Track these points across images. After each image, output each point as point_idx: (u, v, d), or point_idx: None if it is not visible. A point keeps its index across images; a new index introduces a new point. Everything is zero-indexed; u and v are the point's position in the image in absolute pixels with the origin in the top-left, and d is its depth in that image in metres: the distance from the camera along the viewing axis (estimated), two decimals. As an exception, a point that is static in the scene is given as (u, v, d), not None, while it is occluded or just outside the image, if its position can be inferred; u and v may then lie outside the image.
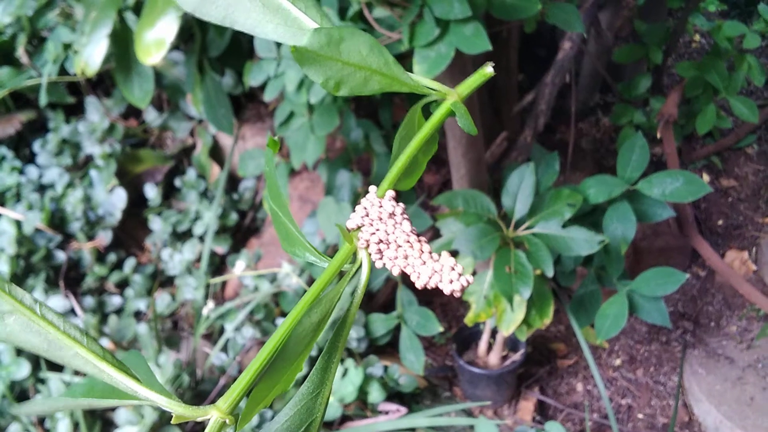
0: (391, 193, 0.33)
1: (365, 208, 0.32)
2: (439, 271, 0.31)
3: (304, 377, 0.36)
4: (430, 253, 0.31)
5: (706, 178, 1.87)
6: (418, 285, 0.31)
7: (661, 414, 1.49)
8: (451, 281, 0.30)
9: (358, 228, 0.33)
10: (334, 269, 0.32)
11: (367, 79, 0.34)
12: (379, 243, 0.32)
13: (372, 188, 0.33)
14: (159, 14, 1.11)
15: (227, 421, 0.30)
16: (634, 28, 1.72)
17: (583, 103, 1.91)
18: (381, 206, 0.32)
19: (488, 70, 0.36)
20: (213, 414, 0.30)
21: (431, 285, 0.31)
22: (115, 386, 0.30)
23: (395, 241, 0.32)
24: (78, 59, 1.29)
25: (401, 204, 0.33)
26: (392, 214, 0.32)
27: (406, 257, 0.31)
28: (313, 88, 1.18)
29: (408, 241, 0.31)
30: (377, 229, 0.32)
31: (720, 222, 1.82)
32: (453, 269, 0.30)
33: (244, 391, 0.31)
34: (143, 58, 1.15)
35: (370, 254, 0.32)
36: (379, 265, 0.32)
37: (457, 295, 0.31)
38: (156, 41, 1.12)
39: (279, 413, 0.32)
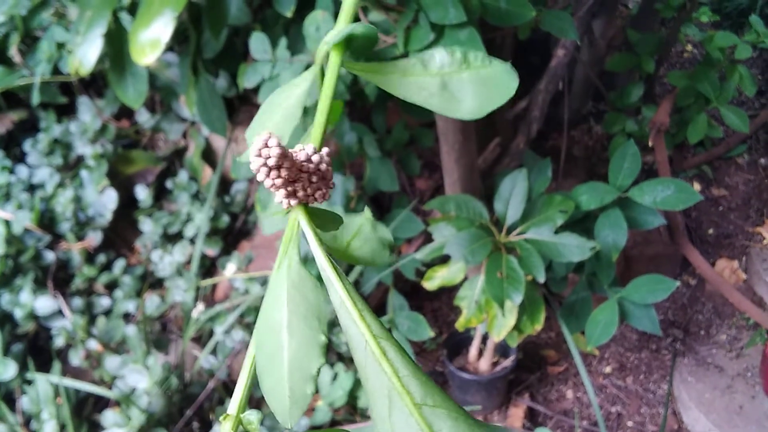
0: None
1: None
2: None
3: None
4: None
5: (696, 187, 1.88)
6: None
7: (650, 422, 1.50)
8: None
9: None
10: (284, 244, 0.32)
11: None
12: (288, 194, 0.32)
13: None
14: (155, 14, 1.11)
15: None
16: (627, 37, 1.73)
17: (575, 111, 1.92)
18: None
19: None
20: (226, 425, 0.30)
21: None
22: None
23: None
24: (72, 59, 1.28)
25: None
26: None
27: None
28: (307, 91, 1.18)
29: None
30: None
31: (710, 231, 1.83)
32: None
33: (248, 391, 0.31)
34: (138, 58, 1.14)
35: (302, 206, 0.32)
36: (292, 203, 0.32)
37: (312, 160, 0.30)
38: (151, 42, 1.11)
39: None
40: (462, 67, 0.36)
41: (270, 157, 0.30)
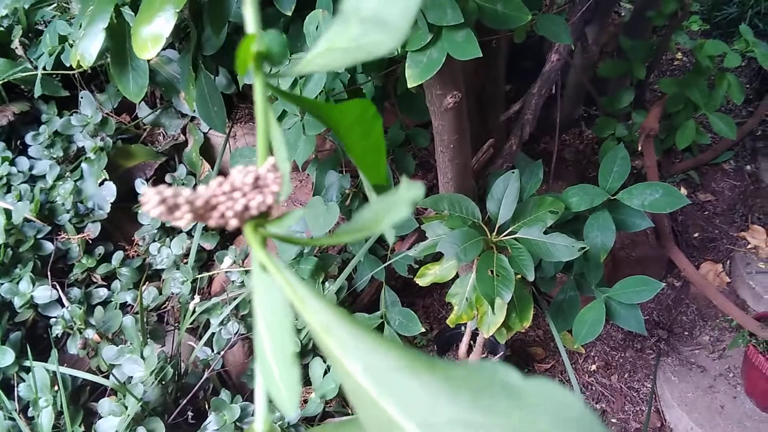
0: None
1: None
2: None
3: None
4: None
5: (683, 191, 1.92)
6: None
7: (634, 419, 1.53)
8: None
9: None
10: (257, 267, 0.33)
11: None
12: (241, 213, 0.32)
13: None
14: (157, 10, 1.13)
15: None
16: (619, 43, 1.76)
17: (567, 115, 1.95)
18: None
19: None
20: None
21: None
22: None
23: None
24: (74, 52, 1.30)
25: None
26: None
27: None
28: (306, 88, 1.21)
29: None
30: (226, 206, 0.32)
31: (696, 235, 1.86)
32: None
33: (267, 404, 0.33)
34: (140, 52, 1.17)
35: (250, 226, 0.32)
36: (232, 224, 0.32)
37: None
38: (153, 36, 1.14)
39: None
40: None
41: (155, 207, 0.31)
